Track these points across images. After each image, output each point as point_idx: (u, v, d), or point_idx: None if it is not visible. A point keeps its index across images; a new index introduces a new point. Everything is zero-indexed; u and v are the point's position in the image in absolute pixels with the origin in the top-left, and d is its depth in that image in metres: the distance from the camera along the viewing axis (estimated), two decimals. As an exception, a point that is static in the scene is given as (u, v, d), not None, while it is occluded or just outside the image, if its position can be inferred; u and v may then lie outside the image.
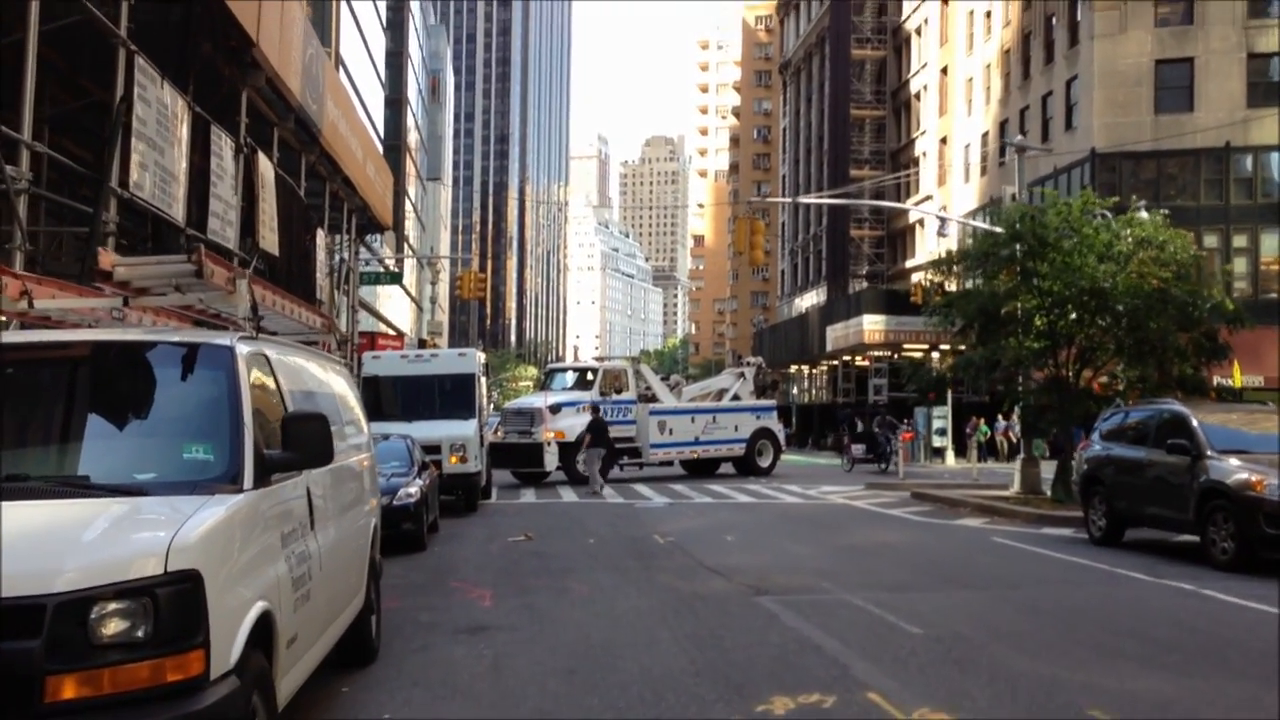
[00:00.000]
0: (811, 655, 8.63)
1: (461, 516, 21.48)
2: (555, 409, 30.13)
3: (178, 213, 13.47)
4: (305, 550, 6.09)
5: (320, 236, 22.59)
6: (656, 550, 15.77)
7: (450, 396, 23.73)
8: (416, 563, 14.91)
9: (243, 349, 5.89)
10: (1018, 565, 13.97)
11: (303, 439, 5.63)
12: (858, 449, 37.49)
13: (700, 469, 34.15)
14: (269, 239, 17.56)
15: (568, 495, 26.62)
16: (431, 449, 21.49)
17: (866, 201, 58.41)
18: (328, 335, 11.77)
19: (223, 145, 15.28)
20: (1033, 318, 21.17)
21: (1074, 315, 20.71)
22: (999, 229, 23.15)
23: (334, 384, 8.46)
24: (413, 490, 16.19)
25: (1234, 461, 13.55)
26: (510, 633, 9.79)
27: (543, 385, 34.25)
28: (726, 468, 34.53)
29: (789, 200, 64.23)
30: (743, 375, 35.98)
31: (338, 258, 27.09)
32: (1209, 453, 13.77)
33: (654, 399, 32.83)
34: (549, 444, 29.54)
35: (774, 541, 16.94)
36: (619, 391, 31.74)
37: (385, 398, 23.94)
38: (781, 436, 35.90)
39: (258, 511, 5.35)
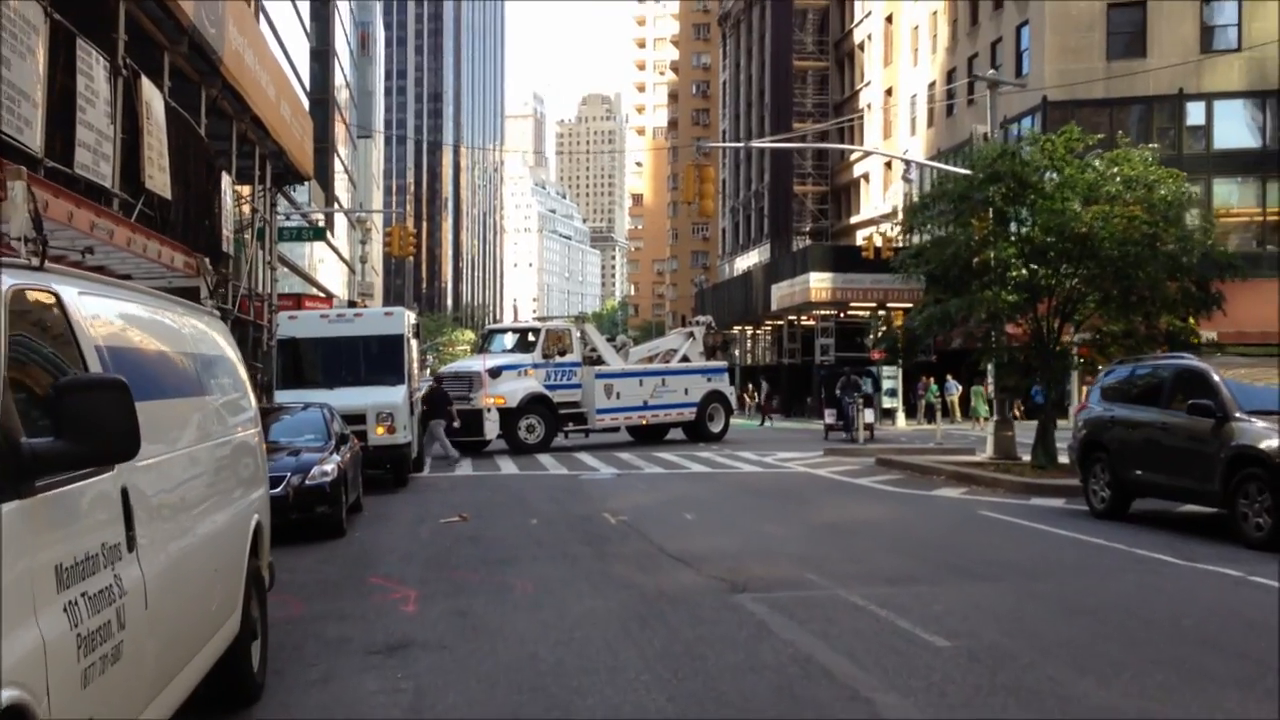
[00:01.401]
0: (821, 683, 6.76)
1: (390, 493, 19.43)
2: (495, 373, 28.04)
3: (32, 139, 11.17)
4: (112, 586, 4.06)
5: (226, 181, 20.21)
6: (609, 533, 13.85)
7: (376, 360, 21.51)
8: (332, 552, 12.87)
9: (3, 282, 3.80)
10: (1023, 546, 12.23)
11: (84, 420, 3.60)
12: (830, 415, 34.10)
13: (648, 436, 32.24)
14: (158, 179, 15.22)
15: (507, 466, 24.61)
16: (355, 419, 19.38)
17: (822, 145, 56.89)
18: (195, 279, 9.64)
19: (93, 64, 12.93)
20: (1010, 267, 19.47)
21: (1056, 264, 19.03)
22: (966, 171, 21.44)
23: (196, 342, 6.38)
24: (328, 468, 14.11)
25: (1260, 424, 11.89)
26: (437, 653, 7.81)
27: (481, 348, 31.99)
28: (675, 434, 32.69)
29: (740, 145, 62.11)
30: (692, 335, 33.96)
31: (252, 210, 24.66)
32: (1236, 414, 12.08)
33: (599, 361, 30.81)
34: (489, 410, 27.47)
35: (740, 519, 15.09)
36: (563, 354, 29.70)
37: (304, 362, 21.76)
38: (733, 399, 34.09)
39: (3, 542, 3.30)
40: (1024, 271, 19.29)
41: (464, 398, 27.92)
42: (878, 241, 46.44)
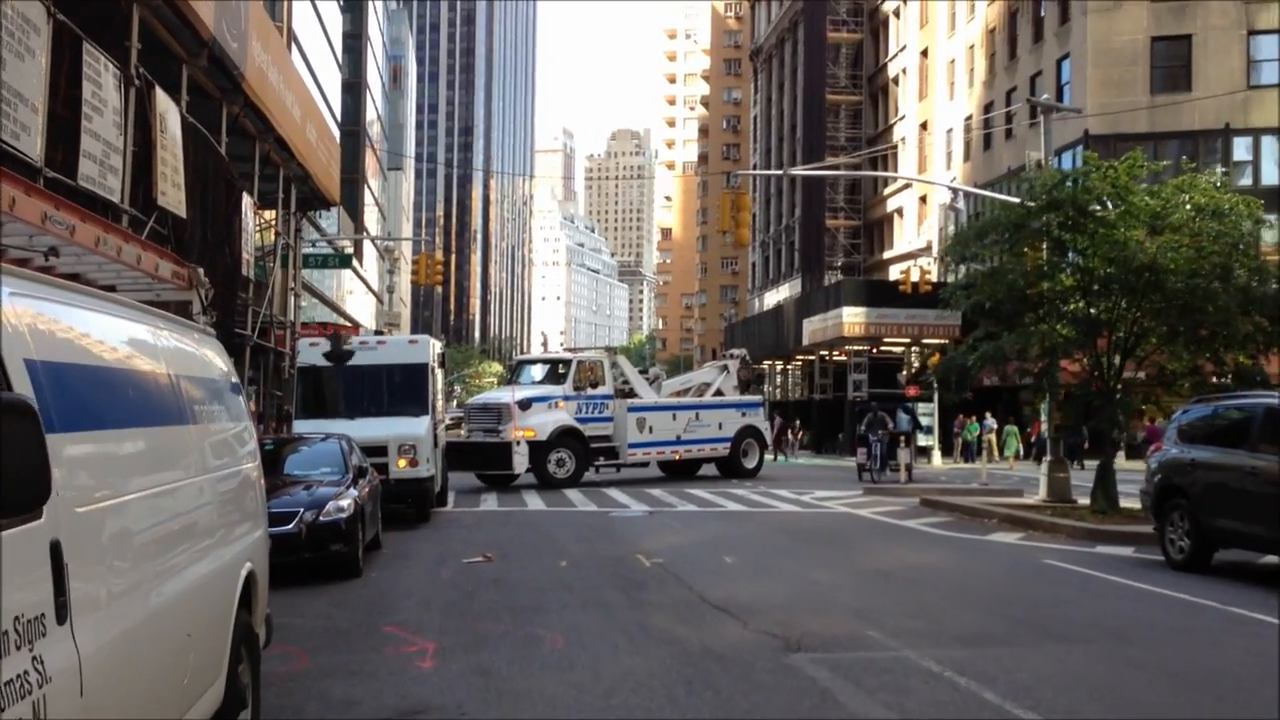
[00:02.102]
0: (906, 771, 5.73)
1: (411, 529, 18.47)
2: (525, 405, 27.05)
3: (31, 146, 10.37)
4: (27, 672, 3.10)
5: (247, 203, 19.46)
6: (643, 577, 12.82)
7: (399, 390, 20.61)
8: (346, 595, 11.91)
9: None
10: (1102, 601, 11.13)
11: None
12: (861, 454, 31.42)
13: (679, 471, 31.21)
14: (171, 195, 14.45)
15: (534, 503, 23.61)
16: (377, 450, 18.48)
17: (863, 173, 55.63)
18: (187, 292, 8.76)
19: (101, 70, 12.17)
20: (1067, 300, 18.39)
21: (1118, 298, 17.94)
22: (1016, 200, 20.43)
23: (179, 362, 5.47)
24: (344, 503, 13.17)
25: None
26: (455, 722, 6.83)
27: (510, 379, 31.03)
28: (707, 469, 31.63)
29: (778, 173, 61.02)
30: (726, 369, 32.96)
31: (275, 234, 23.98)
32: (1337, 458, 10.99)
33: (631, 394, 29.81)
34: (518, 444, 26.51)
35: (784, 564, 14.03)
36: (595, 386, 28.66)
37: (325, 391, 20.87)
38: (768, 435, 32.97)
39: None
40: (1082, 305, 18.20)
41: (492, 430, 27.05)
42: (915, 275, 45.48)
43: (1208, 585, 11.90)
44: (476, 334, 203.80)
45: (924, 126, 64.29)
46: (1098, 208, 17.83)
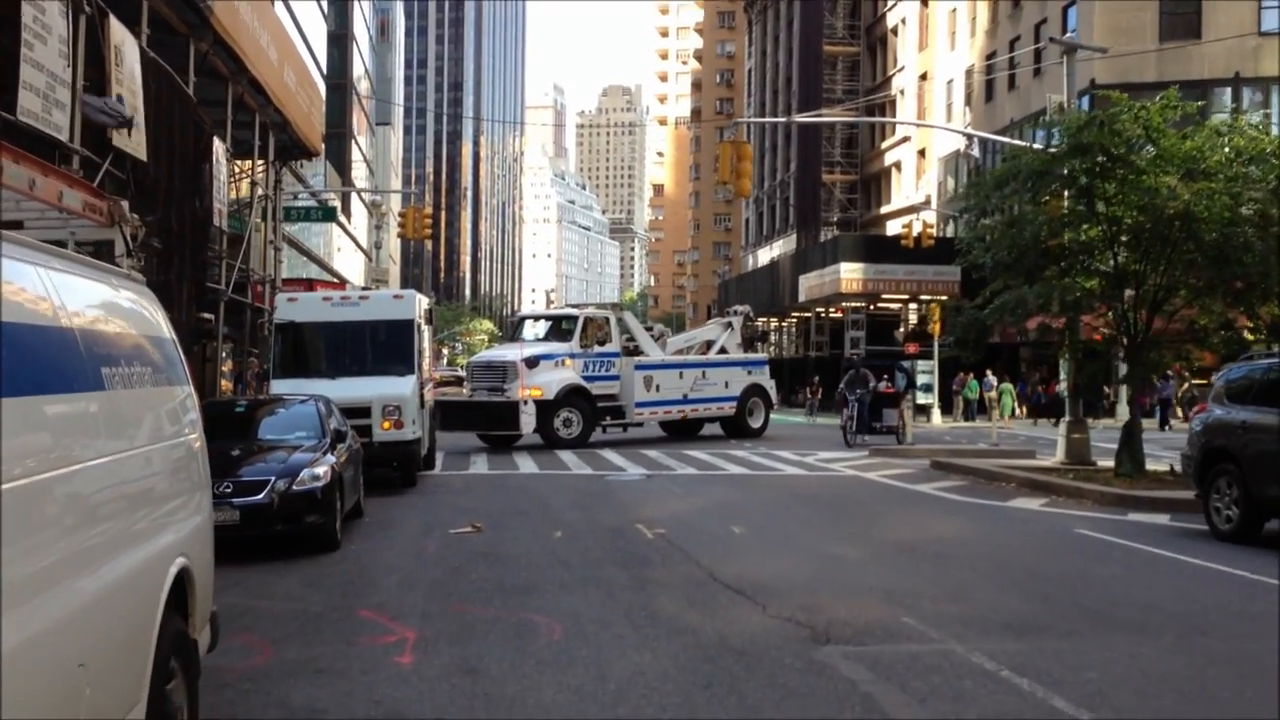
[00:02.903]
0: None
1: (396, 494, 17.44)
2: (532, 362, 25.94)
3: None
4: None
5: (219, 149, 18.24)
6: (646, 551, 11.78)
7: (384, 348, 19.47)
8: (321, 571, 10.86)
9: None
10: (1156, 579, 10.11)
11: None
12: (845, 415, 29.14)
13: (680, 431, 30.21)
14: (132, 138, 13.25)
15: (526, 465, 22.56)
16: (359, 412, 17.40)
17: (867, 119, 54.15)
18: (107, 229, 7.59)
19: (43, -7, 10.92)
20: (1093, 251, 17.30)
21: (1147, 248, 16.84)
22: (1037, 146, 19.27)
23: (90, 316, 4.36)
24: (320, 470, 12.08)
25: None
26: (435, 740, 5.79)
27: (512, 335, 29.93)
28: (709, 429, 30.62)
29: (781, 120, 59.44)
30: (730, 325, 31.91)
31: (252, 184, 22.74)
32: None
33: (637, 352, 28.75)
34: (525, 403, 25.48)
35: (798, 535, 13.01)
36: (601, 343, 27.55)
37: (305, 349, 19.71)
38: (773, 393, 31.98)
39: None
40: (1109, 257, 17.12)
41: (497, 389, 26.09)
42: (916, 229, 44.30)
43: (1265, 559, 10.89)
44: (467, 291, 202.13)
45: (924, 78, 62.85)
46: (1127, 151, 16.66)
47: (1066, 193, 17.68)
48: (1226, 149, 16.40)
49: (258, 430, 13.70)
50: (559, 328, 28.17)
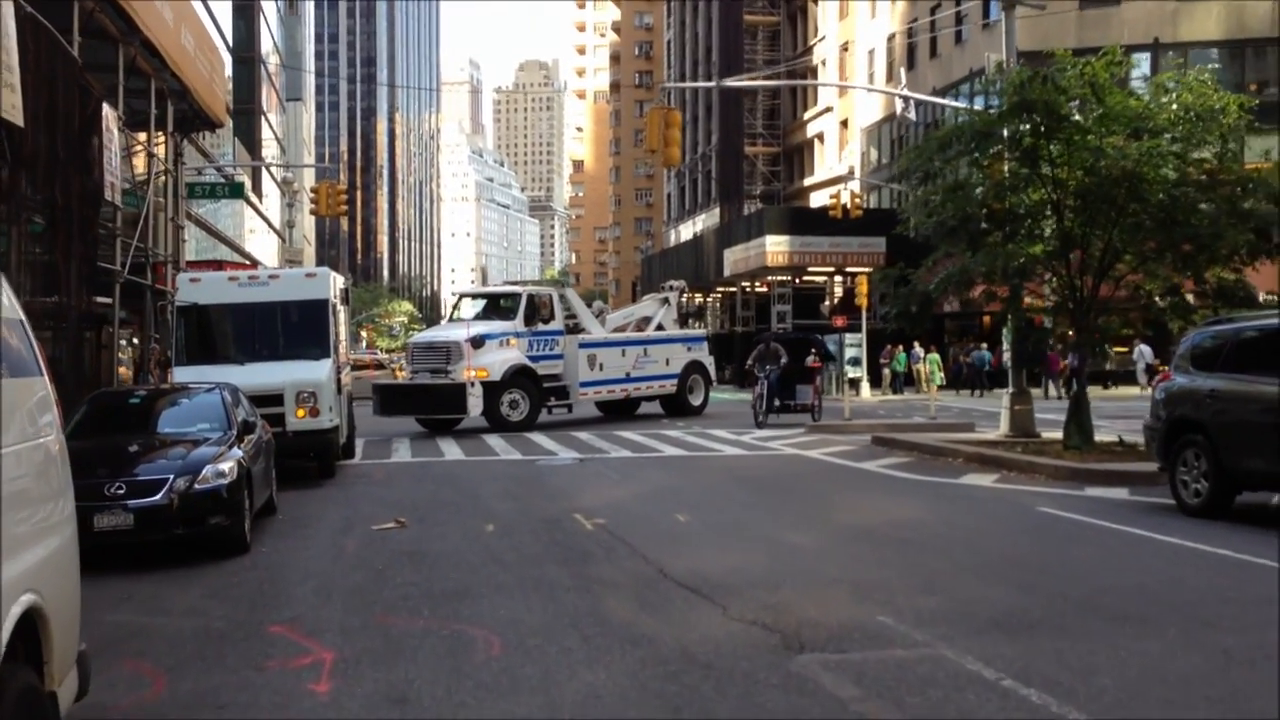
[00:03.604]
0: None
1: (313, 486, 16.31)
2: (477, 342, 24.89)
3: None
4: None
5: (110, 116, 16.82)
6: (587, 544, 10.87)
7: (297, 330, 18.23)
8: (227, 580, 9.78)
9: None
10: (1139, 563, 9.43)
11: None
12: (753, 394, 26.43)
13: (618, 410, 29.40)
14: (4, 99, 11.90)
15: (451, 451, 21.48)
16: (271, 399, 16.25)
17: (801, 83, 53.20)
18: None
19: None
20: (1038, 216, 16.72)
21: (1093, 211, 16.26)
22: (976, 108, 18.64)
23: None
24: (225, 466, 10.94)
25: None
26: (358, 797, 4.82)
27: (452, 315, 28.87)
28: (646, 407, 29.80)
29: (710, 85, 58.26)
30: (667, 301, 31.28)
31: (149, 155, 21.28)
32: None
33: (579, 329, 27.88)
34: (472, 384, 24.47)
35: (748, 522, 12.19)
36: (546, 321, 26.66)
37: (210, 333, 18.41)
38: (713, 370, 31.27)
39: None
40: (1054, 221, 16.54)
41: (440, 370, 25.13)
42: (844, 200, 43.75)
43: (1242, 536, 10.30)
44: (385, 272, 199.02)
45: (845, 48, 62.44)
46: (1071, 109, 16.05)
47: (1008, 155, 17.03)
48: (1175, 106, 15.86)
49: (156, 423, 12.51)
50: (497, 306, 27.29)
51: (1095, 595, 8.10)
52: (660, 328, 30.15)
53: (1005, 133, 16.88)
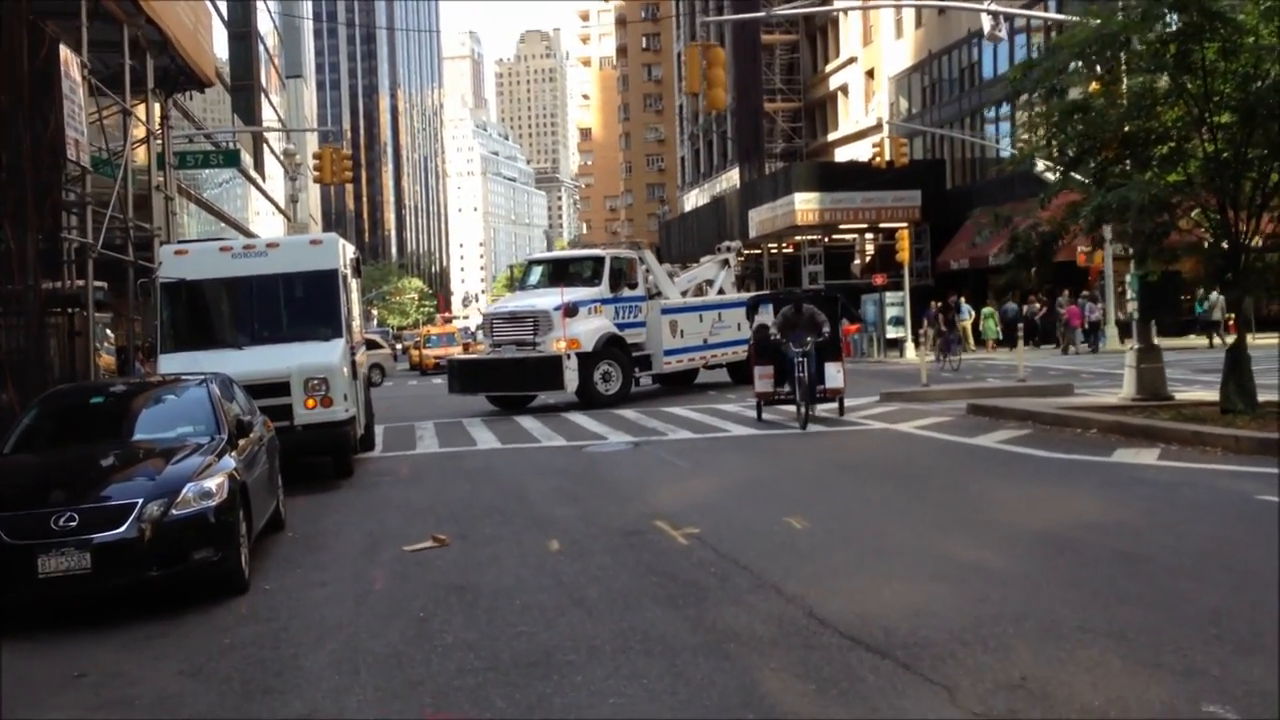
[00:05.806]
0: None
1: (329, 489, 13.78)
2: (571, 310, 22.73)
3: None
4: None
5: (70, 62, 14.11)
6: (690, 569, 8.23)
7: (303, 306, 15.60)
8: (216, 642, 7.19)
9: None
10: None
11: None
12: (761, 378, 19.08)
13: (679, 380, 27.16)
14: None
15: (483, 438, 18.87)
16: (276, 389, 13.70)
17: (854, 5, 49.54)
18: None
19: None
20: (1187, 138, 13.95)
21: (1254, 129, 13.46)
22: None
23: None
24: (211, 484, 8.31)
25: None
26: None
27: (521, 283, 26.53)
28: (706, 375, 27.55)
29: (758, 16, 54.71)
30: (726, 263, 29.23)
31: (124, 114, 18.60)
32: None
33: (658, 295, 25.71)
34: (568, 356, 22.29)
35: (884, 528, 9.51)
36: (631, 286, 24.64)
37: (202, 314, 15.74)
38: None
39: None
40: (1208, 143, 13.75)
41: (527, 343, 23.04)
42: (880, 152, 40.82)
43: None
44: (394, 249, 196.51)
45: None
46: (1228, 6, 13.24)
47: (1145, 65, 14.18)
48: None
49: (124, 429, 9.87)
50: (566, 272, 25.10)
51: None
52: (721, 291, 28.16)
53: (1137, 40, 14.03)
